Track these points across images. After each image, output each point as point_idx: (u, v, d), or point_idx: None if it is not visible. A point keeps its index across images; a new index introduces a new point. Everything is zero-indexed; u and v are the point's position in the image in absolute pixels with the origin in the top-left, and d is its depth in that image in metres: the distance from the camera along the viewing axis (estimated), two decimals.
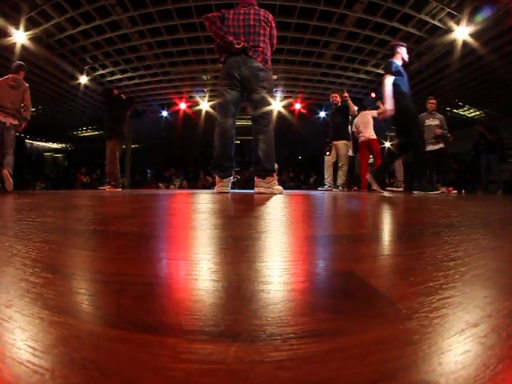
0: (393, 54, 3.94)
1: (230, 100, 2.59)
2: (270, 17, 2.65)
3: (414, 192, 3.70)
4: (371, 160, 5.90)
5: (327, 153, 5.43)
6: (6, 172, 3.56)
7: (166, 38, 7.12)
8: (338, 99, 5.40)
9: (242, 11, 2.59)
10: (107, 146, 4.80)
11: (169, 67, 8.42)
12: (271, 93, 2.67)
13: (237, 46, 2.49)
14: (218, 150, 2.62)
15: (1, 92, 3.65)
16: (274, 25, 2.68)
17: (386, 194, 3.17)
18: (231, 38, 2.50)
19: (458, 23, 6.00)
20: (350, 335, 0.18)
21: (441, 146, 5.05)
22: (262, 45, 2.56)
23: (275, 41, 2.77)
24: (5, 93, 3.67)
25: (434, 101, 5.20)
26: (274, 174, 2.66)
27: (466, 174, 8.29)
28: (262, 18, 2.57)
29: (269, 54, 2.64)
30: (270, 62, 2.64)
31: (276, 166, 2.84)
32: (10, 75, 3.81)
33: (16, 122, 3.76)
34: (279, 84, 9.18)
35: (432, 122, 5.03)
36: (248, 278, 0.29)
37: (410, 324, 0.19)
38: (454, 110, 10.01)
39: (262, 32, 2.56)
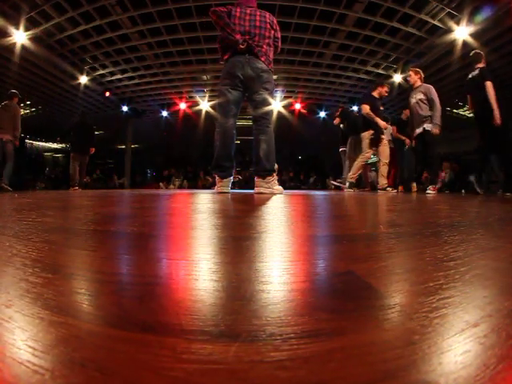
0: (479, 61, 4.02)
1: (231, 100, 2.59)
2: (275, 20, 2.69)
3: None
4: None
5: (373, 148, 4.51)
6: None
7: (166, 37, 7.12)
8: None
9: (248, 11, 2.60)
10: (83, 159, 5.85)
11: (169, 67, 8.41)
12: (272, 94, 2.71)
13: (241, 46, 2.50)
14: (218, 149, 2.62)
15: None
16: (278, 28, 2.72)
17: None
18: (238, 37, 2.49)
19: (458, 23, 6.00)
20: (349, 335, 0.18)
21: (423, 126, 4.02)
22: (265, 46, 2.58)
23: (280, 43, 2.80)
24: (1, 116, 4.64)
25: (411, 71, 4.21)
26: (274, 174, 2.67)
27: (466, 174, 8.28)
28: (267, 20, 2.60)
29: (271, 55, 2.67)
30: (272, 64, 2.68)
31: (276, 166, 2.84)
32: (5, 102, 4.80)
33: (12, 138, 4.68)
34: (279, 84, 9.17)
35: (415, 98, 4.08)
36: (248, 278, 0.29)
37: (410, 324, 0.19)
38: (454, 110, 10.01)
39: (267, 34, 2.59)
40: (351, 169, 4.73)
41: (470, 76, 4.05)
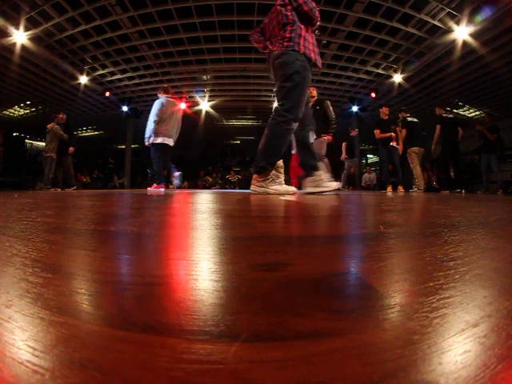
0: None
1: None
2: None
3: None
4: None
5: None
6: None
7: (166, 38, 7.13)
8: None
9: (270, 13, 2.68)
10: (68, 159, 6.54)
11: (169, 67, 8.42)
12: (291, 77, 2.36)
13: (265, 51, 2.65)
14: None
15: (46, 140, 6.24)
16: None
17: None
18: (261, 46, 2.70)
19: (458, 23, 6.01)
20: (350, 335, 0.18)
21: None
22: (279, 32, 2.50)
23: (301, 1, 2.45)
24: (47, 140, 6.22)
25: None
26: (269, 172, 2.40)
27: (465, 174, 8.30)
28: (276, 7, 2.52)
29: (287, 34, 2.43)
30: (288, 42, 2.42)
31: (281, 163, 2.78)
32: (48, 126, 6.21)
33: (53, 154, 6.07)
34: None
35: None
36: (248, 278, 0.29)
37: (410, 324, 0.19)
38: (454, 110, 10.01)
39: (279, 18, 2.49)
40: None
41: None
